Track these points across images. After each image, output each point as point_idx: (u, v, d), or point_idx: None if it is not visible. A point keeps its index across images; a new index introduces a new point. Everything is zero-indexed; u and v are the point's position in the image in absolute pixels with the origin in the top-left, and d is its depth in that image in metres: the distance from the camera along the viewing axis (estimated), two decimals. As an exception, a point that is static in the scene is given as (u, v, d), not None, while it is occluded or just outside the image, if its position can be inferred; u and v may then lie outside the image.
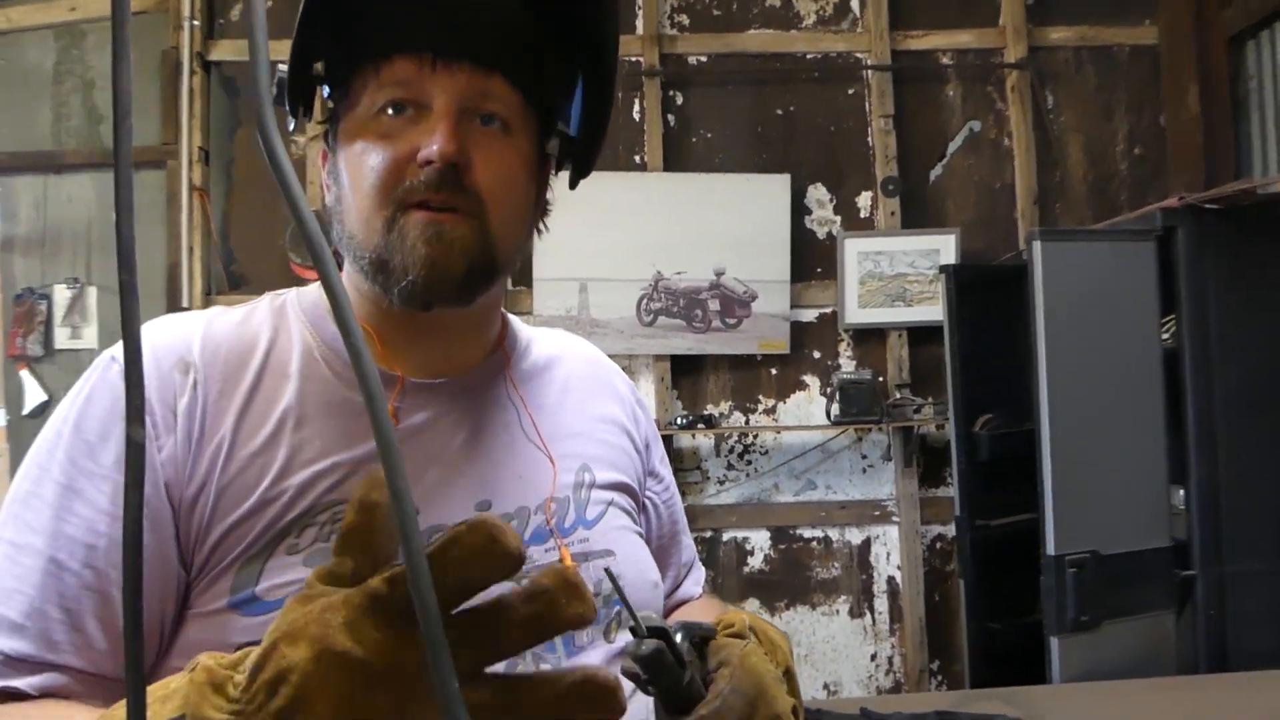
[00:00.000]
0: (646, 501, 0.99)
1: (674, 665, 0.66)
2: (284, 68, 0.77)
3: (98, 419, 0.73)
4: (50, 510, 0.71)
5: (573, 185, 0.90)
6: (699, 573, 1.11)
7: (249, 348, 0.80)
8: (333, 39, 0.78)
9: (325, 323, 0.83)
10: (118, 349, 0.76)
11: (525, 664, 0.76)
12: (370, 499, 0.44)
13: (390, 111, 0.78)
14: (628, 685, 0.82)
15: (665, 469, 1.05)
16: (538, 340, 0.97)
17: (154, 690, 0.54)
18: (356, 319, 0.80)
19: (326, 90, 0.81)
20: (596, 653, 0.81)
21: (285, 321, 0.83)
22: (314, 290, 0.87)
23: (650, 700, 0.74)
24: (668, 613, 1.00)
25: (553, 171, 0.88)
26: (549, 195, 0.89)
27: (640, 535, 0.93)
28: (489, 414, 0.86)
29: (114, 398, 0.74)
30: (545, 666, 0.77)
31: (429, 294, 0.76)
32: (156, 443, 0.72)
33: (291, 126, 0.81)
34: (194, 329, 0.80)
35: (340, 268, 0.87)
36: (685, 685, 0.68)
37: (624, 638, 0.83)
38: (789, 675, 0.77)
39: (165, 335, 0.78)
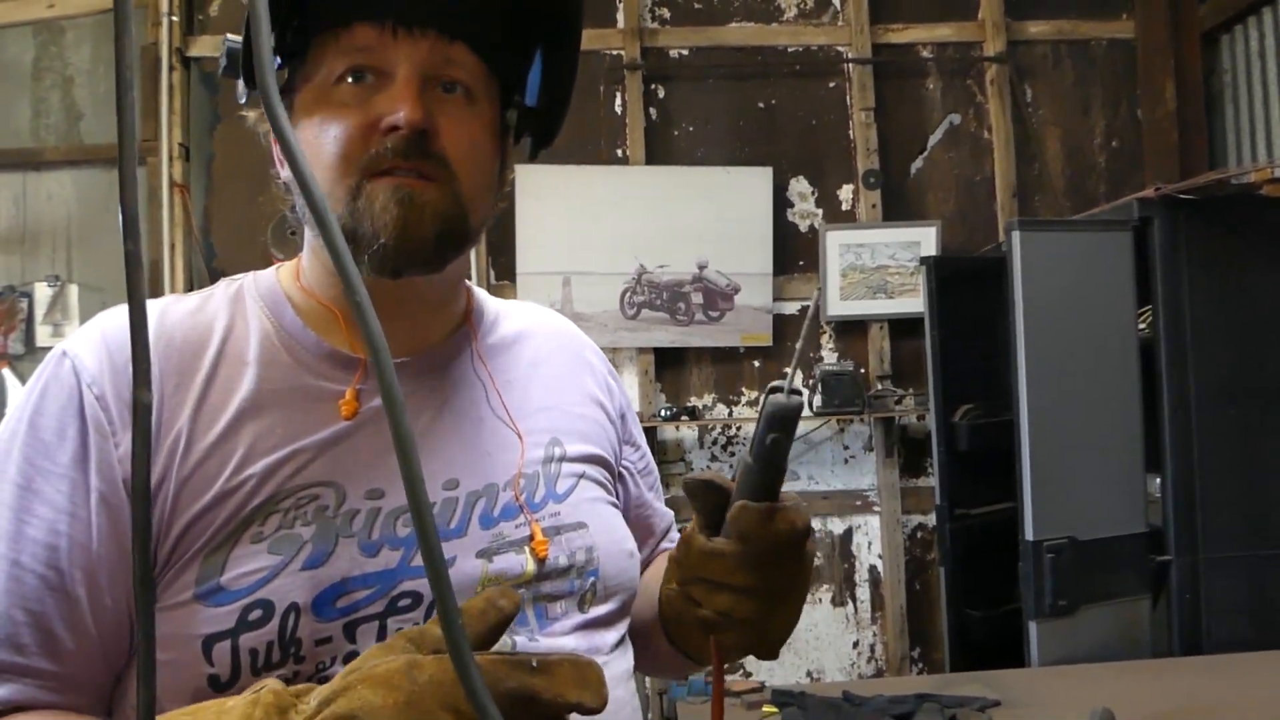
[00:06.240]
0: (623, 471, 0.98)
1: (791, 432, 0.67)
2: (234, 39, 0.75)
3: (53, 416, 0.72)
4: (9, 512, 0.70)
5: (532, 156, 0.88)
6: (677, 536, 1.10)
7: (204, 337, 0.78)
8: (289, 7, 0.76)
9: (284, 308, 0.81)
10: (69, 343, 0.76)
11: (506, 640, 0.77)
12: (503, 606, 0.56)
13: (350, 80, 0.76)
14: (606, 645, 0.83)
15: (641, 437, 1.04)
16: (507, 314, 0.95)
17: (208, 707, 0.59)
18: (321, 300, 0.81)
19: (279, 61, 0.78)
20: (569, 622, 0.81)
21: (242, 308, 0.81)
22: (270, 275, 0.85)
23: (622, 669, 0.79)
24: (643, 571, 0.98)
25: (513, 143, 0.87)
26: (511, 171, 0.88)
27: (615, 506, 0.92)
28: (455, 391, 0.84)
29: (68, 393, 0.72)
30: (519, 639, 0.77)
31: (400, 258, 0.74)
32: (114, 439, 0.71)
33: (244, 99, 0.79)
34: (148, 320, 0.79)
35: (301, 248, 0.86)
36: (780, 464, 0.69)
37: (596, 610, 0.83)
38: None
39: (117, 327, 0.76)
